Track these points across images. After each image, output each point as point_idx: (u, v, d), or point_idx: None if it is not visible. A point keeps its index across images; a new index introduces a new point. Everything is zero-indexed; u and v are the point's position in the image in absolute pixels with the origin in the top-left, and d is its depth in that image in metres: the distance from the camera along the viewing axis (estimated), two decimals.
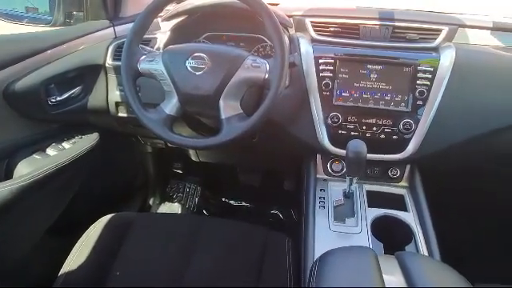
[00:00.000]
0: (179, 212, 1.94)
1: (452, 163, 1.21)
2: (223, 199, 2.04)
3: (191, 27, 1.28)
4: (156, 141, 1.61)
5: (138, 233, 1.12)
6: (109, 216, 1.16)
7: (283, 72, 0.93)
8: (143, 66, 1.01)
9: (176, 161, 1.95)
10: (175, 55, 1.00)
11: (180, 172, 1.98)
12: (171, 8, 1.26)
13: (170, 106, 1.01)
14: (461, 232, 1.49)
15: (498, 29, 1.23)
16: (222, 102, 0.97)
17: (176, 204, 1.99)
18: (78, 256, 1.05)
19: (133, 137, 1.63)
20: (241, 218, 1.88)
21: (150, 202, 1.93)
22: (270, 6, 0.99)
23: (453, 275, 0.68)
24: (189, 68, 0.97)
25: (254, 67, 0.96)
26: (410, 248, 1.00)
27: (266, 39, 1.28)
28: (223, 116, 0.97)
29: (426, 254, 0.97)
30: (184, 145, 1.01)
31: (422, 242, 1.00)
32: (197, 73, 0.97)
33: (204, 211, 2.00)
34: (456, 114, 1.10)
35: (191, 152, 1.68)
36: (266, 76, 0.95)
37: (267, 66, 0.96)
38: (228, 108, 0.98)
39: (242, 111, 0.99)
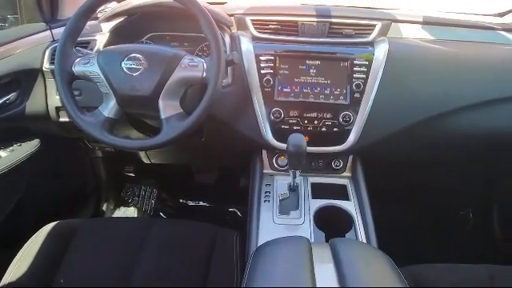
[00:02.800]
0: (135, 216, 1.91)
1: (390, 152, 1.27)
2: (180, 200, 2.02)
3: (132, 28, 1.27)
4: (104, 145, 1.57)
5: (83, 239, 1.09)
6: (52, 224, 1.12)
7: (220, 70, 0.95)
8: (78, 68, 0.99)
9: (128, 164, 1.91)
10: (110, 56, 0.99)
11: (133, 175, 1.94)
12: (109, 9, 1.23)
13: (109, 109, 1.00)
14: (397, 218, 1.56)
15: (428, 23, 1.31)
16: (161, 102, 0.97)
17: (132, 208, 1.95)
18: (18, 266, 1.01)
19: (80, 142, 1.58)
20: (199, 218, 1.88)
21: (104, 207, 1.88)
22: (206, 5, 1.00)
23: (380, 259, 0.71)
24: (125, 69, 0.97)
25: (192, 66, 0.97)
26: (350, 235, 1.04)
27: None
28: (163, 116, 0.97)
29: (364, 240, 1.01)
30: (122, 146, 1.00)
31: (361, 229, 1.04)
32: (133, 74, 0.96)
33: (161, 213, 1.97)
34: (391, 104, 1.15)
35: (141, 154, 1.66)
36: (204, 74, 0.96)
37: (204, 64, 0.97)
38: (168, 108, 0.98)
39: (181, 110, 0.99)
